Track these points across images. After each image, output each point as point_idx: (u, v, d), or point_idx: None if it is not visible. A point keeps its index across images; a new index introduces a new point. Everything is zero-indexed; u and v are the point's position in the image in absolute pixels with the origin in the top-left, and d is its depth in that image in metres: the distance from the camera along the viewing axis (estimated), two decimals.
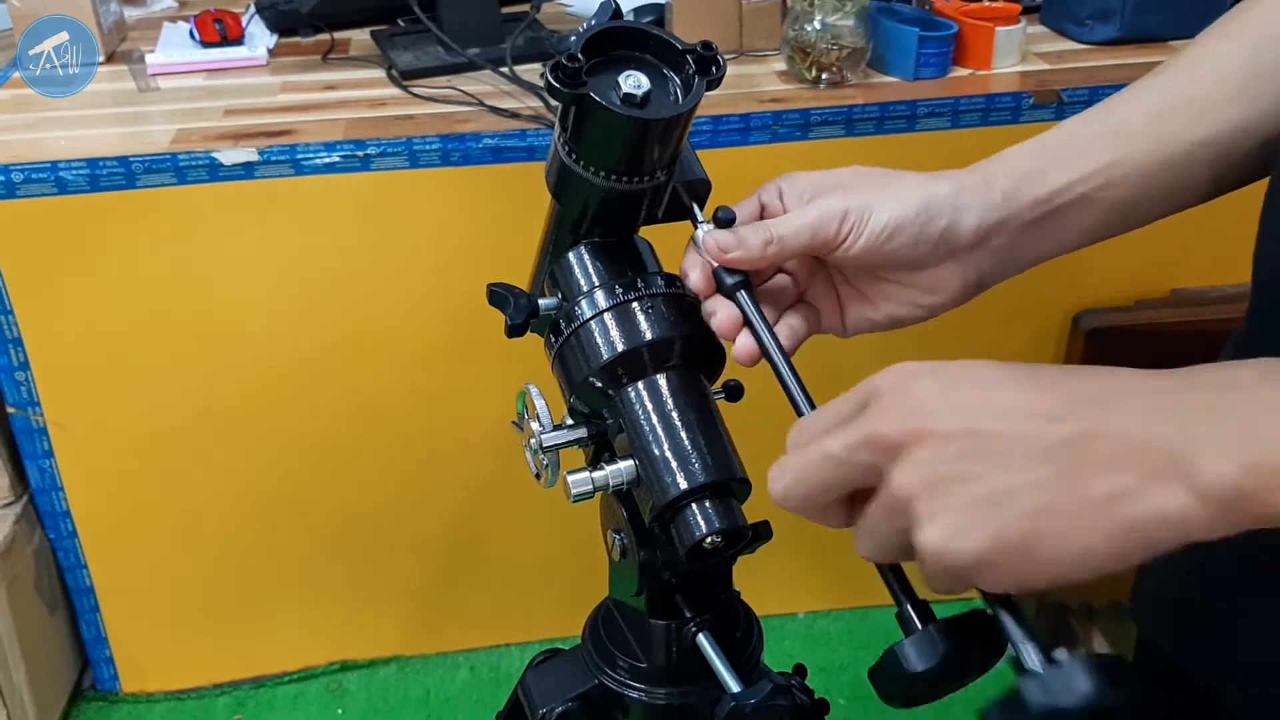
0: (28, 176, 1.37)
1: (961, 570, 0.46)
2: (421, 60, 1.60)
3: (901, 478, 0.46)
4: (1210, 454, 0.42)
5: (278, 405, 1.56)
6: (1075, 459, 0.44)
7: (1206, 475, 0.42)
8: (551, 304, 0.68)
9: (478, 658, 1.81)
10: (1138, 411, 0.45)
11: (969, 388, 0.47)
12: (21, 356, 1.47)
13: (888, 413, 0.48)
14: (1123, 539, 0.44)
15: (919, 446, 0.46)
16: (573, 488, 0.65)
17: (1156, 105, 0.66)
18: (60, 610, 1.68)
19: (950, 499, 0.45)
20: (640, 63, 0.63)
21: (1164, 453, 0.43)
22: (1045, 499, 0.44)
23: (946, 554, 0.46)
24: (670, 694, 0.72)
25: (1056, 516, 0.44)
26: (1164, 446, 0.43)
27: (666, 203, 0.68)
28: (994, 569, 0.46)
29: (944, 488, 0.46)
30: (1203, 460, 0.42)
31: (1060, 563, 0.45)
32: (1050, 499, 0.44)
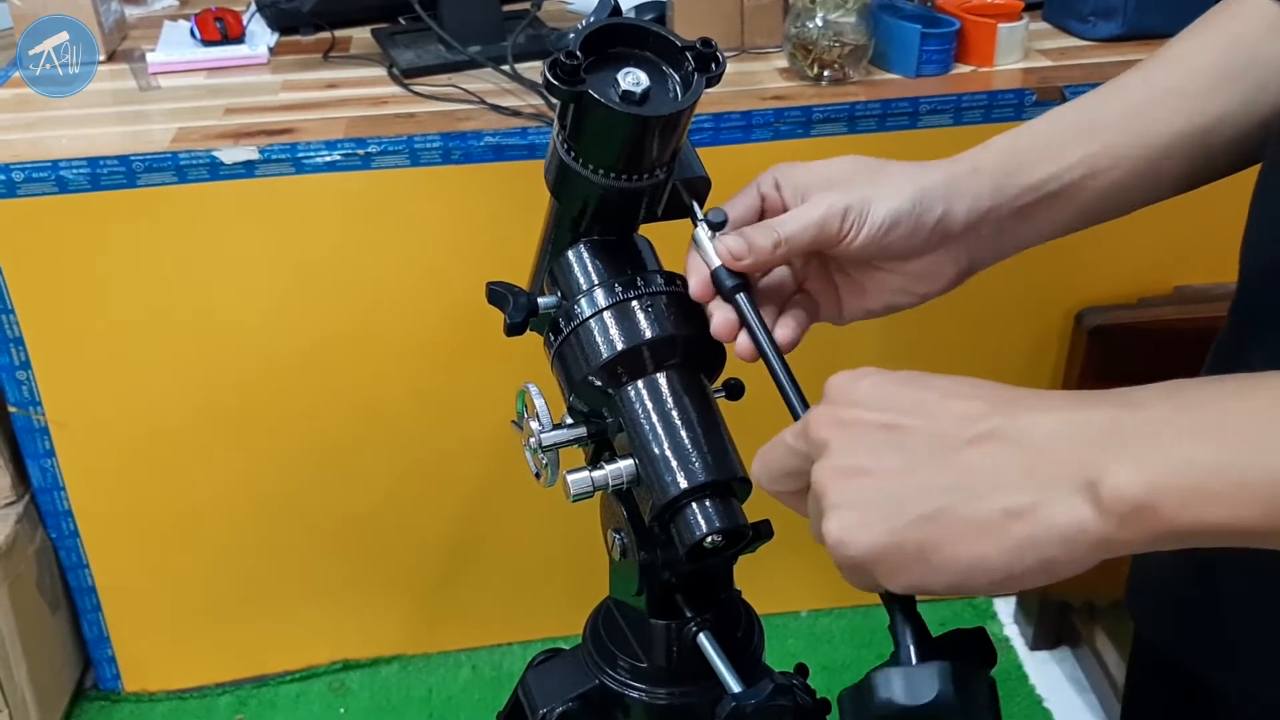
0: (29, 176, 1.37)
1: (857, 565, 0.48)
2: (422, 58, 1.59)
3: (820, 468, 0.49)
4: (1112, 469, 0.43)
5: (279, 404, 1.56)
6: (979, 467, 0.45)
7: (1106, 488, 0.43)
8: (551, 302, 0.68)
9: (480, 657, 1.81)
10: (1049, 421, 0.45)
11: (904, 388, 0.49)
12: (23, 355, 1.47)
13: (826, 408, 0.50)
14: (1017, 554, 0.45)
15: (839, 440, 0.49)
16: (572, 487, 0.65)
17: (1135, 99, 0.68)
18: (62, 609, 1.68)
19: (854, 493, 0.47)
20: (639, 60, 0.63)
21: (1067, 464, 0.44)
22: (943, 504, 0.45)
23: (843, 545, 0.47)
24: (671, 694, 0.71)
25: (952, 526, 0.45)
26: (1068, 458, 0.44)
27: (666, 200, 0.68)
28: (889, 568, 0.47)
29: (850, 481, 0.48)
30: (1103, 475, 0.43)
31: (953, 570, 0.46)
32: (948, 506, 0.45)
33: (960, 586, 0.46)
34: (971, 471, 0.46)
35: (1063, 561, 0.44)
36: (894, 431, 0.48)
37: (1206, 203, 0.76)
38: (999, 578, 0.45)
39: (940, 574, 0.46)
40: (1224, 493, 0.42)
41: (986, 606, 1.88)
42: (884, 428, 0.48)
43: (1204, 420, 0.44)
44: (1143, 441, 0.43)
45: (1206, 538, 0.43)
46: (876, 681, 0.47)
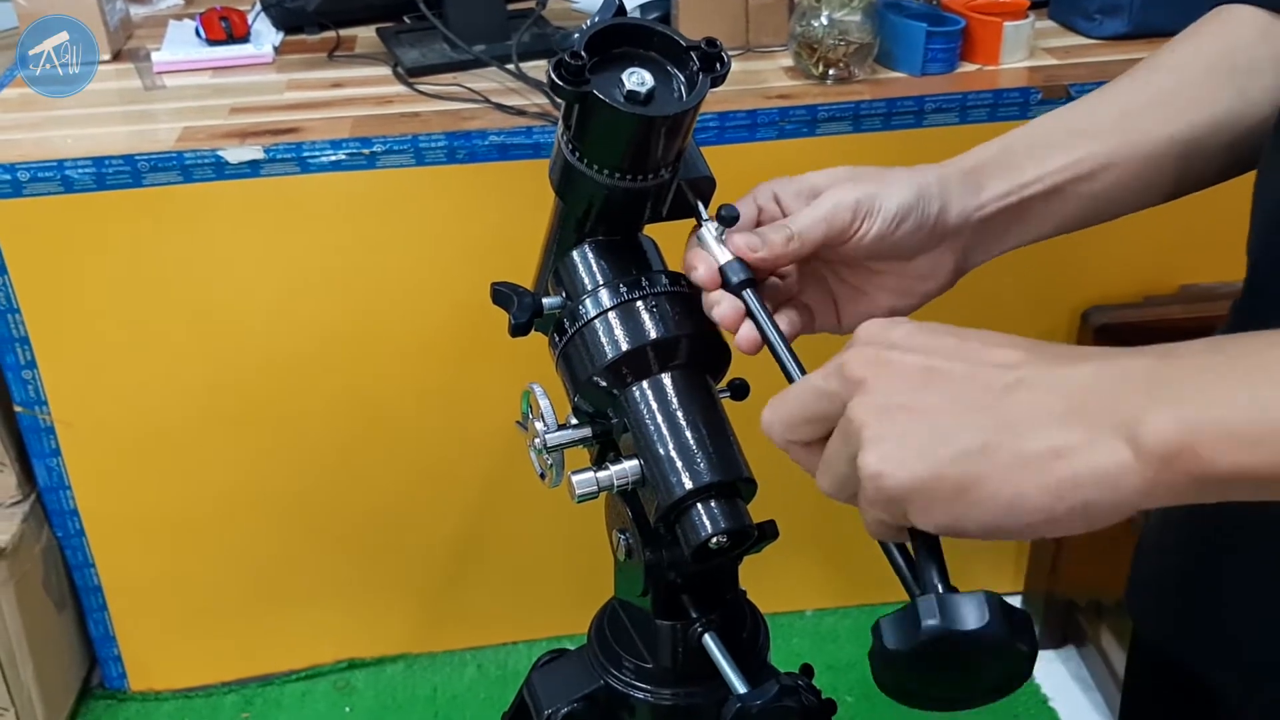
0: (34, 175, 1.37)
1: (894, 498, 0.47)
2: (427, 57, 1.59)
3: (857, 404, 0.49)
4: (1151, 412, 0.43)
5: (284, 403, 1.56)
6: (1021, 408, 0.46)
7: (1146, 431, 0.43)
8: (556, 303, 0.68)
9: (485, 655, 1.81)
10: (1088, 370, 0.46)
11: (941, 335, 0.50)
12: (29, 355, 1.47)
13: (861, 348, 0.50)
14: (1055, 494, 0.45)
15: (878, 378, 0.49)
16: (577, 488, 0.65)
17: (1125, 104, 0.69)
18: (68, 608, 1.68)
19: (896, 427, 0.47)
20: (644, 60, 0.63)
21: (1106, 409, 0.44)
22: (986, 441, 0.46)
23: (882, 477, 0.47)
24: (676, 695, 0.71)
25: (994, 462, 0.45)
26: (1107, 403, 0.44)
27: (671, 200, 0.68)
28: (926, 503, 0.47)
29: (893, 416, 0.47)
30: (1143, 417, 0.43)
31: (991, 509, 0.46)
32: (991, 442, 0.45)
33: (996, 528, 0.46)
34: (1014, 412, 0.46)
35: (1101, 505, 0.44)
36: (933, 372, 0.48)
37: (1212, 201, 0.76)
38: (1037, 519, 0.45)
39: (978, 510, 0.46)
40: (1262, 435, 0.42)
41: None
42: (924, 369, 0.48)
43: (1241, 366, 0.44)
44: (1181, 387, 0.44)
45: (1246, 484, 0.43)
46: (920, 607, 0.46)
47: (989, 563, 1.86)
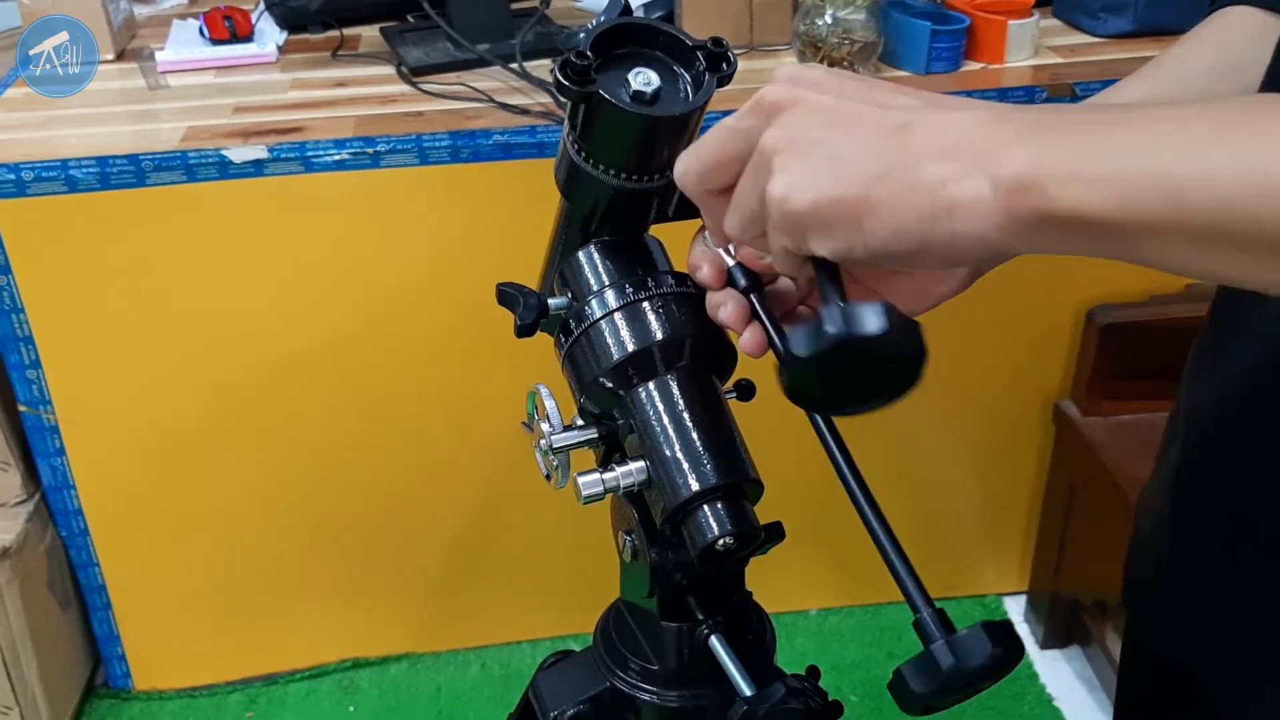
0: (38, 175, 1.37)
1: (799, 220, 0.50)
2: (431, 57, 1.59)
3: (769, 135, 0.51)
4: (1012, 149, 0.47)
5: (289, 403, 1.56)
6: (915, 144, 0.49)
7: (1002, 164, 0.46)
8: (561, 303, 0.68)
9: (489, 655, 1.81)
10: (976, 114, 0.49)
11: (851, 80, 0.53)
12: (33, 354, 1.47)
13: (776, 84, 0.53)
14: (931, 219, 0.48)
15: (793, 112, 0.51)
16: (583, 489, 0.65)
17: (1139, 97, 0.71)
18: (72, 608, 1.68)
19: (803, 156, 0.50)
20: (650, 60, 0.63)
21: (981, 148, 0.47)
22: (882, 170, 0.49)
23: (788, 200, 0.50)
24: (682, 696, 0.71)
25: (887, 186, 0.48)
26: (982, 143, 0.47)
27: (677, 201, 0.67)
28: (826, 225, 0.50)
29: (801, 146, 0.50)
30: (1005, 153, 0.47)
31: (880, 233, 0.49)
32: (885, 168, 0.48)
33: (884, 251, 0.49)
34: (908, 147, 0.49)
35: (967, 235, 0.47)
36: (842, 111, 0.51)
37: None
38: (916, 245, 0.48)
39: (869, 234, 0.49)
40: (1101, 176, 0.45)
41: (996, 605, 1.88)
42: (834, 107, 0.51)
43: (1108, 120, 0.47)
44: (1046, 133, 0.47)
45: (1079, 230, 0.46)
46: (824, 315, 0.49)
47: (993, 564, 1.86)
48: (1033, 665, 1.79)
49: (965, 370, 1.63)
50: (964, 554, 1.85)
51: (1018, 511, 1.82)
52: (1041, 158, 0.46)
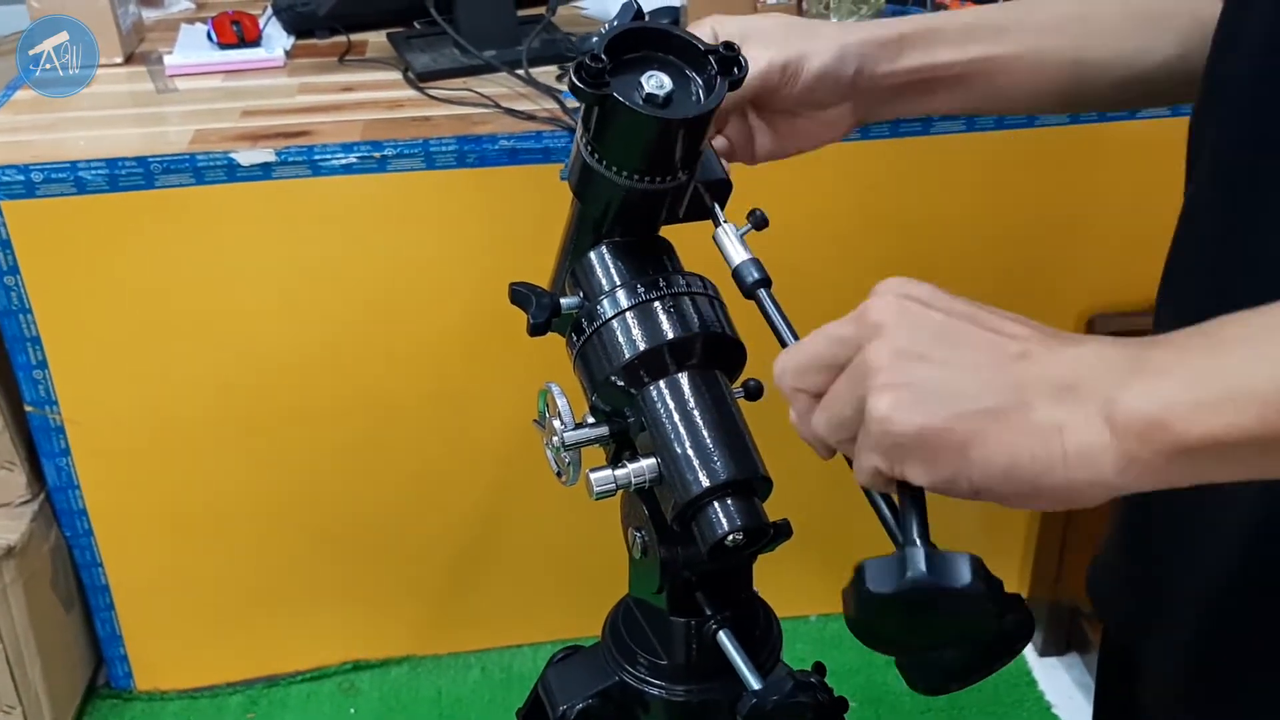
0: (47, 176, 1.38)
1: (900, 444, 0.48)
2: (438, 62, 1.60)
3: (875, 347, 0.49)
4: (1127, 390, 0.45)
5: (293, 405, 1.57)
6: (1029, 379, 0.47)
7: (1120, 408, 0.45)
8: (573, 303, 0.69)
9: (489, 658, 1.81)
10: (1086, 351, 0.48)
11: (958, 300, 0.51)
12: (40, 355, 1.48)
13: (883, 297, 0.51)
14: (1046, 465, 0.46)
15: (899, 325, 0.49)
16: (595, 485, 0.66)
17: (1047, 17, 0.75)
18: (76, 608, 1.68)
19: (911, 375, 0.48)
20: (663, 63, 0.64)
21: (1095, 389, 0.46)
22: (997, 404, 0.47)
23: (891, 422, 0.48)
24: (690, 691, 0.72)
25: (1000, 424, 0.47)
26: (1096, 383, 0.46)
27: (688, 202, 0.69)
28: (928, 455, 0.48)
29: (909, 364, 0.48)
30: (1120, 395, 0.45)
31: (989, 469, 0.47)
32: (1001, 406, 0.47)
33: (988, 489, 0.47)
34: (1023, 381, 0.47)
35: (1081, 483, 0.46)
36: (952, 330, 0.49)
37: None
38: (1026, 488, 0.47)
39: (977, 469, 0.47)
40: (1221, 401, 0.43)
41: None
42: (943, 324, 0.49)
43: (1209, 343, 0.46)
44: (1159, 367, 0.46)
45: (1218, 455, 0.44)
46: (908, 555, 0.47)
47: (992, 567, 1.87)
48: (1031, 672, 1.79)
49: None
50: None
51: (1017, 518, 1.83)
52: (1159, 394, 0.44)
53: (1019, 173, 1.55)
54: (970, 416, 0.47)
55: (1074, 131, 1.51)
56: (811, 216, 1.51)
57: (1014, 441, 0.46)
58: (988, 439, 0.46)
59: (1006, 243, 1.59)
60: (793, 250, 0.95)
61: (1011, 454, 0.46)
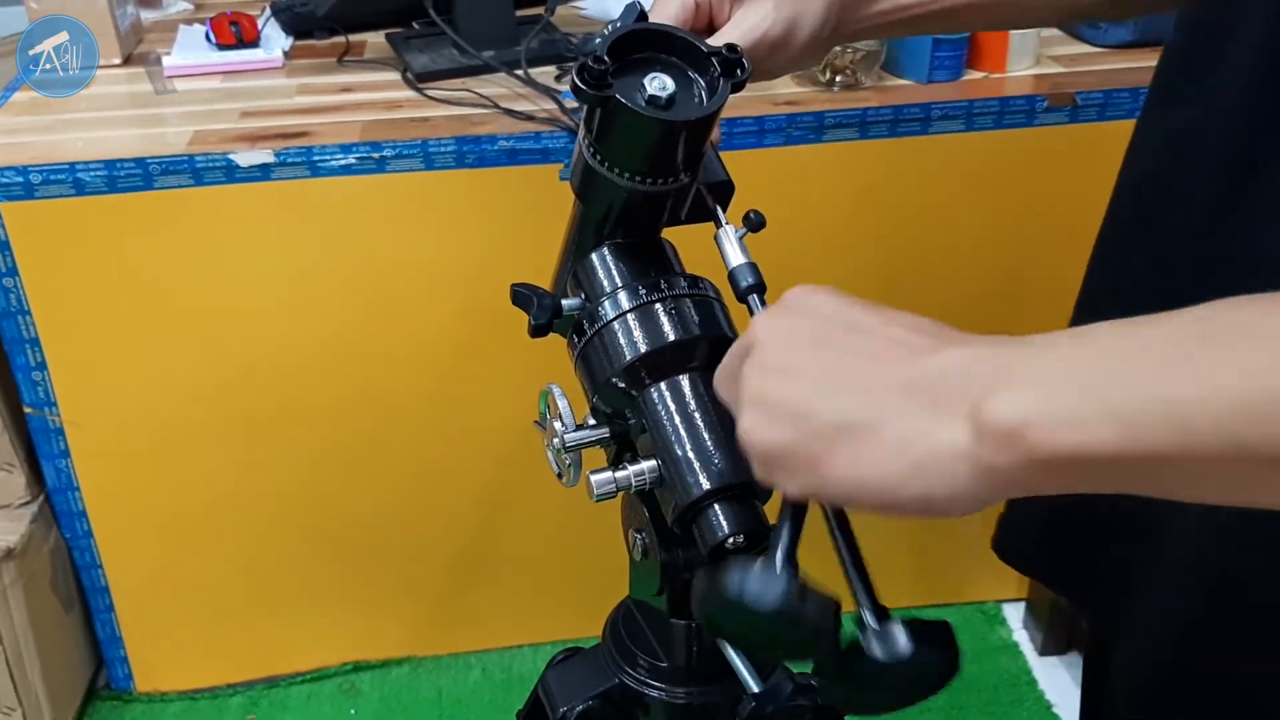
0: (46, 178, 1.38)
1: (759, 459, 0.50)
2: (436, 62, 1.60)
3: (748, 365, 0.51)
4: (991, 395, 0.44)
5: (292, 406, 1.57)
6: (887, 391, 0.47)
7: (986, 413, 0.44)
8: (575, 304, 0.69)
9: (490, 659, 1.81)
10: (953, 356, 0.47)
11: (848, 308, 0.51)
12: (39, 356, 1.48)
13: (769, 311, 0.53)
14: (899, 479, 0.46)
15: (770, 342, 0.51)
16: (596, 487, 0.66)
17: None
18: (75, 609, 1.68)
19: (768, 393, 0.50)
20: (665, 65, 0.64)
21: (957, 395, 0.45)
22: (848, 419, 0.47)
23: (747, 436, 0.50)
24: (691, 693, 0.72)
25: (849, 441, 0.47)
26: (965, 389, 0.45)
27: (689, 204, 0.69)
28: (786, 470, 0.49)
29: (767, 381, 0.50)
30: (986, 401, 0.44)
31: (843, 484, 0.48)
32: (852, 421, 0.47)
33: (848, 501, 0.49)
34: (883, 393, 0.47)
35: (939, 495, 0.45)
36: (822, 341, 0.50)
37: None
38: (881, 501, 0.47)
39: (831, 485, 0.48)
40: (1085, 415, 0.42)
41: (995, 612, 1.89)
42: (814, 336, 0.50)
43: (1083, 353, 0.45)
44: (1027, 374, 0.45)
45: (1079, 469, 0.43)
46: (730, 570, 0.49)
47: (993, 571, 1.86)
48: (1031, 671, 1.79)
49: None
50: (963, 561, 1.86)
51: None
52: (1022, 402, 0.43)
53: (1018, 172, 1.54)
54: (819, 435, 0.47)
55: (1073, 131, 1.51)
56: (809, 216, 1.51)
57: (863, 457, 0.47)
58: (835, 456, 0.47)
59: (1005, 242, 1.59)
60: (790, 250, 0.95)
61: (860, 470, 0.47)
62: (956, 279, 1.58)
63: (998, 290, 1.59)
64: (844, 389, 0.48)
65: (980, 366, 0.46)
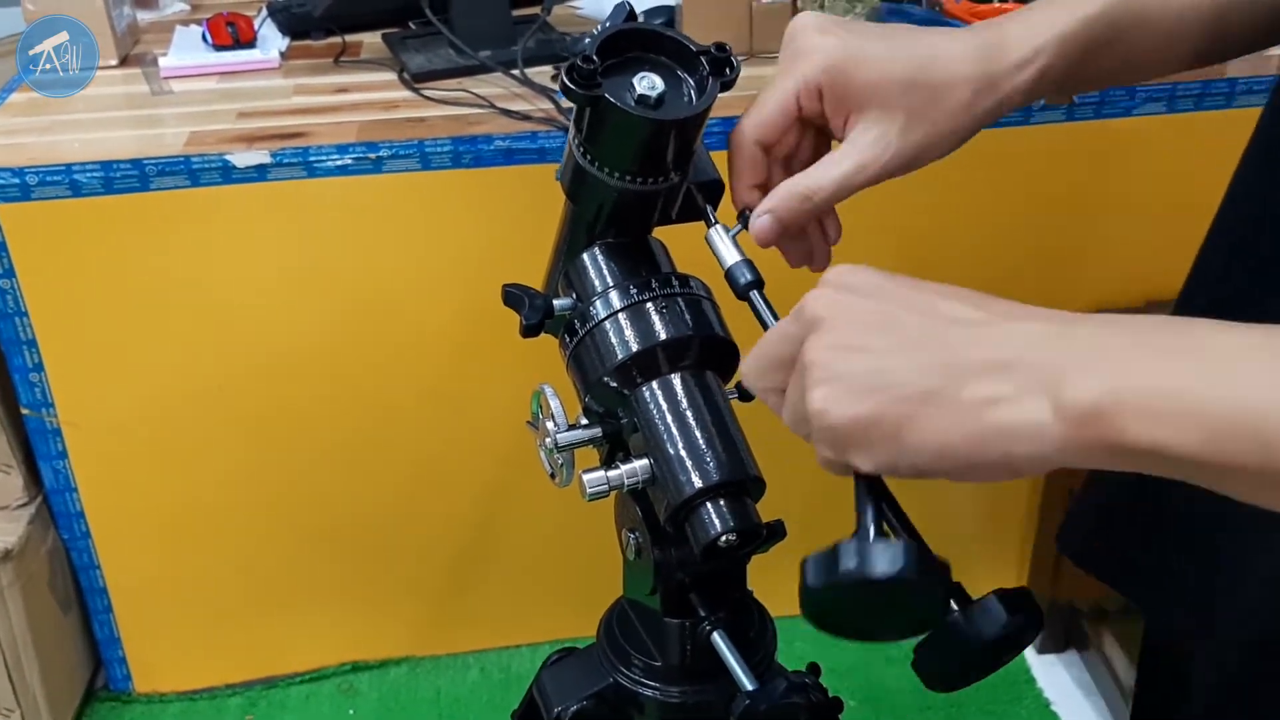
0: (42, 179, 1.38)
1: (836, 436, 0.50)
2: (433, 62, 1.60)
3: (811, 343, 0.51)
4: (1075, 375, 0.45)
5: (290, 406, 1.57)
6: (962, 359, 0.47)
7: (1066, 392, 0.44)
8: (566, 304, 0.69)
9: (488, 659, 1.81)
10: (1031, 328, 0.48)
11: (900, 284, 0.51)
12: (36, 358, 1.48)
13: (821, 289, 0.52)
14: (981, 441, 0.47)
15: (834, 319, 0.50)
16: (588, 487, 0.66)
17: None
18: (73, 610, 1.68)
19: (841, 367, 0.49)
20: (655, 64, 0.64)
21: (1038, 367, 0.46)
22: (925, 387, 0.47)
23: (825, 415, 0.49)
24: (685, 692, 0.72)
25: (929, 407, 0.47)
26: (1040, 361, 0.46)
27: (680, 203, 0.69)
28: (864, 442, 0.49)
29: (839, 356, 0.49)
30: (1067, 379, 0.45)
31: (923, 452, 0.48)
32: (929, 388, 0.47)
33: (928, 469, 0.48)
34: (955, 361, 0.48)
35: (1020, 457, 0.46)
36: (886, 317, 0.50)
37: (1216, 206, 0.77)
38: (964, 464, 0.47)
39: (911, 453, 0.48)
40: (1171, 414, 0.43)
41: None
42: (877, 313, 0.50)
43: (1174, 346, 0.45)
44: (1110, 355, 0.45)
45: (1155, 459, 0.44)
46: (841, 550, 0.49)
47: (990, 569, 1.87)
48: (1030, 669, 1.79)
49: None
50: (961, 558, 1.83)
51: (1015, 515, 1.83)
52: (1106, 387, 0.44)
53: (1019, 170, 1.54)
54: (899, 402, 0.48)
55: (1074, 129, 1.51)
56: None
57: (945, 422, 0.47)
58: (918, 422, 0.47)
59: (1006, 241, 1.59)
60: None
61: (943, 434, 0.47)
62: (952, 276, 1.57)
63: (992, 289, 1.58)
64: (921, 358, 0.48)
65: (1062, 340, 0.46)
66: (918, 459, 0.48)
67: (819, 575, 0.49)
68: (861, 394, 0.48)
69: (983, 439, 0.46)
